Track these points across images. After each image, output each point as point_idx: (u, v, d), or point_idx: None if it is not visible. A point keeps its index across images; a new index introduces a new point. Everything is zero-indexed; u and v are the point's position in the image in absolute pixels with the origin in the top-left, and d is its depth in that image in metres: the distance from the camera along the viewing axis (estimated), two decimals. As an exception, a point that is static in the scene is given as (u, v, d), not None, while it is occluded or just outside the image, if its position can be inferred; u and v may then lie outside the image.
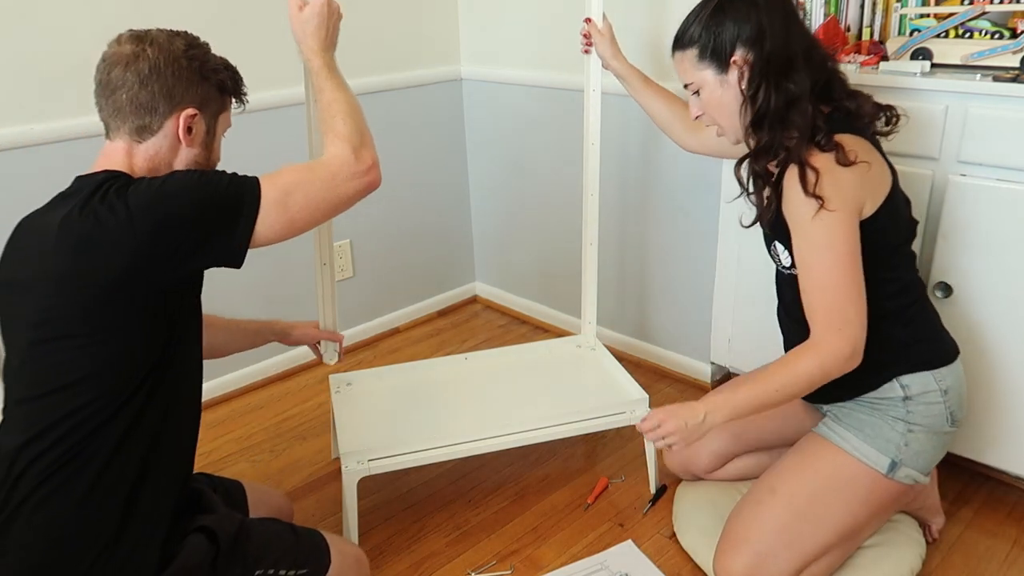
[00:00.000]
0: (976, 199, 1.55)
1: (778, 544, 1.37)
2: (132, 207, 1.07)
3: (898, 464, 1.37)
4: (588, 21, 1.79)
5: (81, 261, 1.06)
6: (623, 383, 1.84)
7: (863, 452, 1.39)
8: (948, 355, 1.41)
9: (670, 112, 1.77)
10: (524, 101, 2.47)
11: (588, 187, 1.92)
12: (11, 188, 1.78)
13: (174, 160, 1.20)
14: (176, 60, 1.17)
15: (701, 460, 1.71)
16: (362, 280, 2.54)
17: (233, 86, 1.26)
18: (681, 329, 2.27)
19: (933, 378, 1.38)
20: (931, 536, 1.62)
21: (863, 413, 1.41)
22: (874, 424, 1.39)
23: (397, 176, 2.55)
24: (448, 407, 1.78)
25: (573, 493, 1.83)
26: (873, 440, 1.38)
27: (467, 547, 1.67)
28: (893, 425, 1.38)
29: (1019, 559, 1.59)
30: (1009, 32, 1.66)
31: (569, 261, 2.43)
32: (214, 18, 1.99)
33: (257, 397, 2.29)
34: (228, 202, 1.12)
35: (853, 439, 1.40)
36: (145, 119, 1.17)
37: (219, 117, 1.26)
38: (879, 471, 1.38)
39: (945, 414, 1.38)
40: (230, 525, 1.24)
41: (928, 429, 1.38)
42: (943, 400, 1.38)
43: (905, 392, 1.38)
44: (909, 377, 1.38)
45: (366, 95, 2.35)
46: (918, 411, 1.37)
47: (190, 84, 1.18)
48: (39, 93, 1.80)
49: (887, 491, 1.40)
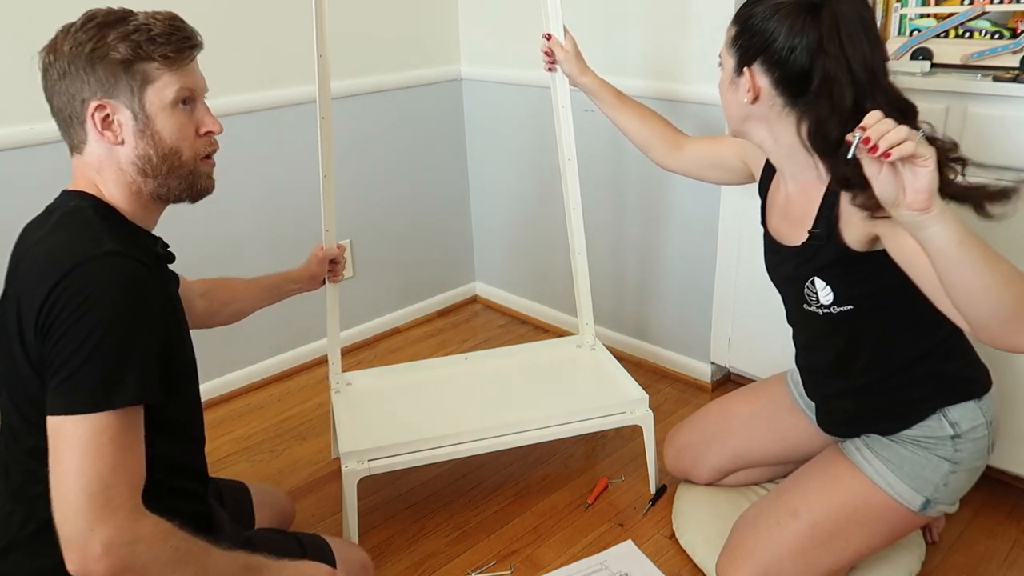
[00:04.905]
0: (976, 199, 1.55)
1: (790, 567, 1.34)
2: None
3: (931, 502, 1.31)
4: (548, 37, 1.70)
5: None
6: (623, 383, 1.84)
7: (897, 490, 1.31)
8: (987, 382, 1.34)
9: (648, 130, 1.67)
10: (524, 101, 2.47)
11: (570, 202, 1.92)
12: (12, 188, 1.78)
13: (119, 162, 1.07)
14: (65, 56, 1.03)
15: (701, 474, 1.70)
16: (362, 280, 2.54)
17: (145, 49, 1.03)
18: (681, 329, 2.27)
19: (980, 410, 1.30)
20: (932, 538, 1.62)
21: (905, 451, 1.32)
22: (915, 462, 1.30)
23: (397, 176, 2.55)
24: (448, 407, 1.78)
25: (573, 493, 1.83)
26: (911, 480, 1.30)
27: (467, 547, 1.67)
28: (937, 465, 1.29)
29: (1019, 559, 1.59)
30: (1009, 32, 1.66)
31: (569, 261, 2.43)
32: (220, 16, 1.99)
33: (257, 397, 2.29)
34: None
35: (889, 475, 1.32)
36: (70, 131, 1.07)
37: (144, 93, 1.05)
38: (911, 509, 1.31)
39: (987, 445, 1.32)
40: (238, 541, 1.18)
41: (969, 466, 1.31)
42: (987, 432, 1.31)
43: (955, 430, 1.29)
44: (956, 412, 1.29)
45: (366, 95, 2.37)
46: (965, 448, 1.29)
47: (85, 75, 1.03)
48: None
49: (912, 524, 1.36)
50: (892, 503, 1.31)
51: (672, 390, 2.25)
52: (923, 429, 1.31)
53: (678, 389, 2.26)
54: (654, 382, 2.28)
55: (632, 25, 2.08)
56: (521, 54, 2.43)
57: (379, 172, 2.50)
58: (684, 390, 2.25)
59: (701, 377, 2.27)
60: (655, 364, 2.37)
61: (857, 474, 1.35)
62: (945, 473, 1.30)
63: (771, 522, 1.38)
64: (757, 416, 1.63)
